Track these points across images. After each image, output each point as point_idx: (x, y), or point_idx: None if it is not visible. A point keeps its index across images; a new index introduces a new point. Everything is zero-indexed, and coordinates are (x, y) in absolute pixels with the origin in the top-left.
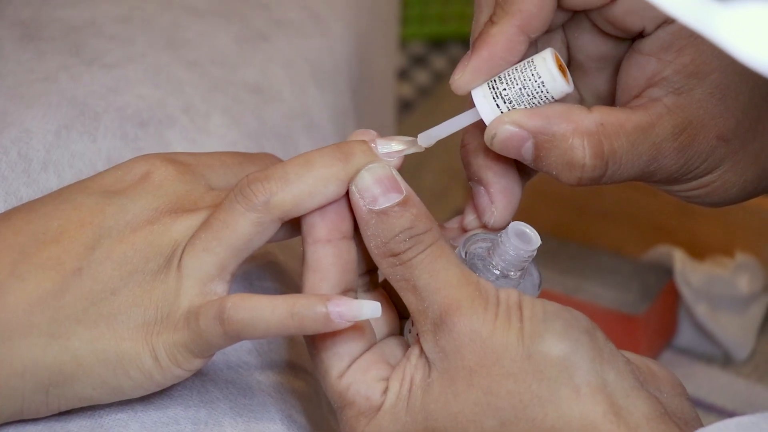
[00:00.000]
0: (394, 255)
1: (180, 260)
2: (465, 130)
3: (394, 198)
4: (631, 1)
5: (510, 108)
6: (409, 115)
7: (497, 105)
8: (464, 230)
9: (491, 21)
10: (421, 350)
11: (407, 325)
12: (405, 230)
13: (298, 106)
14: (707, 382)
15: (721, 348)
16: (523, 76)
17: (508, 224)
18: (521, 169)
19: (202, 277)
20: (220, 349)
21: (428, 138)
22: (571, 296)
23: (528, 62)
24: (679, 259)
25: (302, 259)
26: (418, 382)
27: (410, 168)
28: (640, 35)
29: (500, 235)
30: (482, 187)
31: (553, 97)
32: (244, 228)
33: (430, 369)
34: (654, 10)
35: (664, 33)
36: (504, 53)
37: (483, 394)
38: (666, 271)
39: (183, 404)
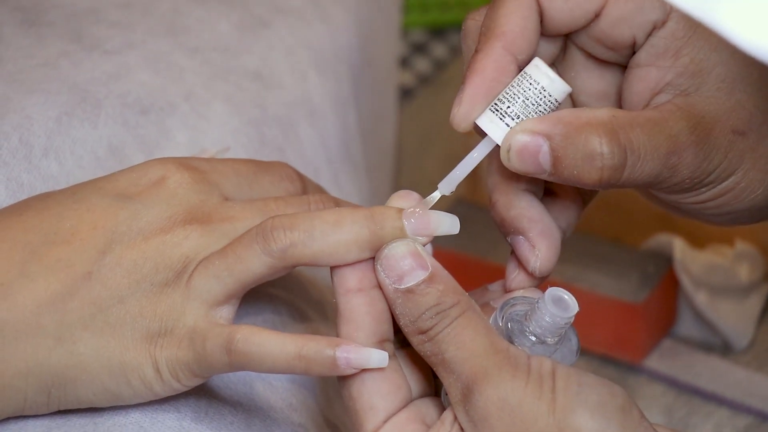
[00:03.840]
0: (423, 332)
1: (189, 278)
2: (491, 189)
3: (420, 276)
4: (615, 11)
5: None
6: (409, 103)
7: (506, 124)
8: (507, 291)
9: (476, 50)
10: (455, 416)
11: (444, 389)
12: (432, 307)
13: (299, 93)
14: (706, 370)
15: (720, 337)
16: (522, 88)
17: (551, 271)
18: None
19: (209, 301)
20: (220, 374)
21: (449, 183)
22: (570, 284)
23: (522, 75)
24: (679, 247)
25: (336, 310)
26: None
27: (411, 157)
28: (633, 50)
29: (537, 301)
30: (521, 237)
31: (556, 100)
32: (258, 268)
33: None
34: (641, 15)
35: (657, 39)
36: (495, 75)
37: None
38: (666, 260)
39: (184, 393)
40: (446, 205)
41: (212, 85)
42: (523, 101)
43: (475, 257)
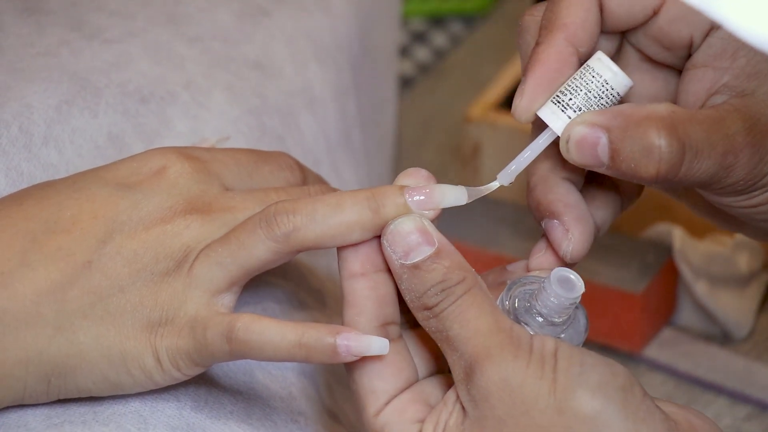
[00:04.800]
0: (428, 308)
1: (191, 267)
2: (531, 174)
3: (426, 251)
4: (674, 9)
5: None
6: (409, 92)
7: (568, 116)
8: (529, 270)
9: (537, 43)
10: (458, 395)
11: None
12: (437, 284)
13: (300, 82)
14: (706, 359)
15: (720, 326)
16: (585, 81)
17: (582, 258)
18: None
19: (212, 289)
20: (221, 362)
21: (508, 175)
22: None
23: (584, 67)
24: (679, 237)
25: (341, 295)
26: (452, 427)
27: (410, 146)
28: (689, 51)
29: (543, 281)
30: (555, 221)
31: (618, 94)
32: (261, 254)
33: (465, 416)
34: (699, 13)
35: (715, 40)
36: (558, 66)
37: None
38: (665, 249)
39: (183, 382)
40: None
41: (212, 74)
42: (585, 94)
43: (476, 247)
